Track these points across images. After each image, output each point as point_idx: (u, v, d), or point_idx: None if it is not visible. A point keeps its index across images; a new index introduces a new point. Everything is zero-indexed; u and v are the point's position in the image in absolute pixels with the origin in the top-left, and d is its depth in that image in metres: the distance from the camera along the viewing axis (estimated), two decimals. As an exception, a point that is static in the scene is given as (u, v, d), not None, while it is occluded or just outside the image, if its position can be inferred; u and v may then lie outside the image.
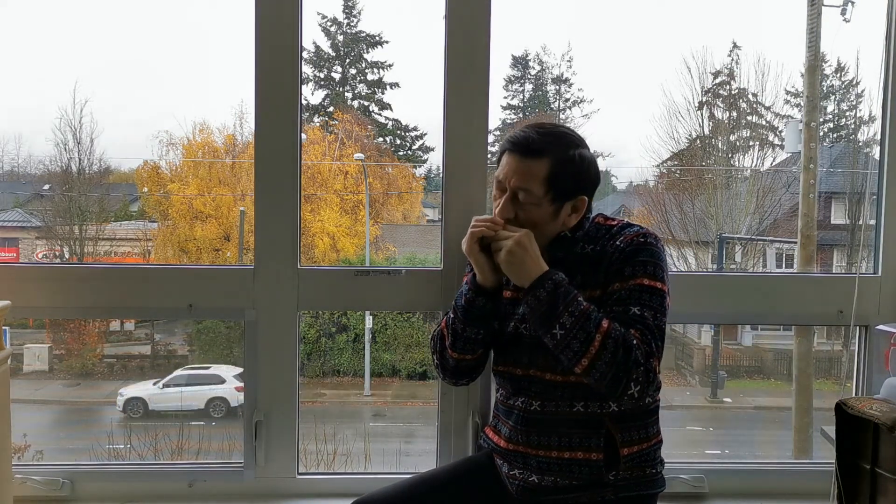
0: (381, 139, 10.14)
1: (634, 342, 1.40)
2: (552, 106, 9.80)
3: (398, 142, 10.38)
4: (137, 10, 8.71)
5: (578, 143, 1.55)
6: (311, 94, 9.66)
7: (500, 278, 1.57)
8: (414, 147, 10.45)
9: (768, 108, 8.53)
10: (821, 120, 7.17)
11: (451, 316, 1.62)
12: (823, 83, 8.08)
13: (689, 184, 8.51)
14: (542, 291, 1.44)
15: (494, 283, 1.57)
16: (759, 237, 7.92)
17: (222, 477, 2.02)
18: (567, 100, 9.84)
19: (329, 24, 9.94)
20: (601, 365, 1.39)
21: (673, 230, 8.15)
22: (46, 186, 8.09)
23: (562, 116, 9.54)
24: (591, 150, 1.58)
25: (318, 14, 9.71)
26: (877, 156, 2.15)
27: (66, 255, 7.71)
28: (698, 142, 8.60)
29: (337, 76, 10.04)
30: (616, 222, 1.57)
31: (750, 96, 8.60)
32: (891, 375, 1.89)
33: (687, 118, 8.35)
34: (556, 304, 1.42)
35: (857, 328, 2.08)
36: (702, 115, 8.47)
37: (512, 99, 9.94)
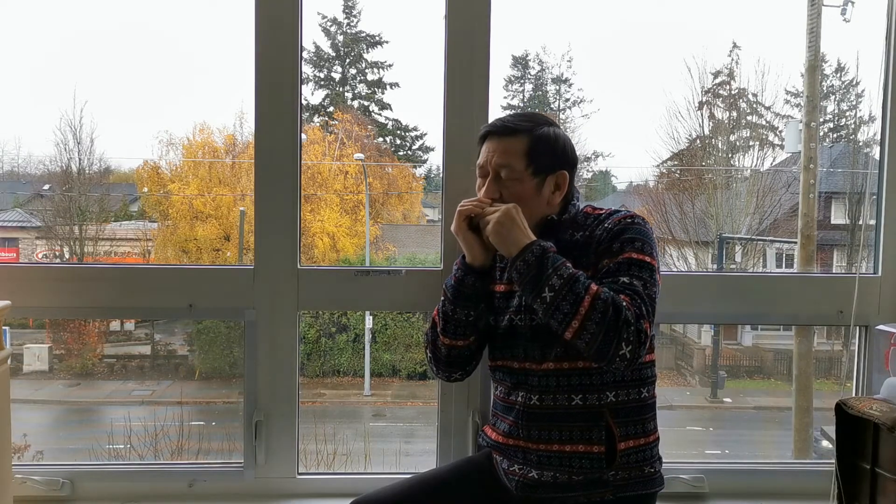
0: (381, 139, 10.14)
1: (624, 304, 1.41)
2: (552, 106, 9.80)
3: (398, 142, 10.38)
4: (138, 10, 8.71)
5: (551, 122, 1.62)
6: (311, 94, 9.66)
7: (490, 256, 1.60)
8: (414, 147, 10.45)
9: (768, 108, 8.54)
10: (821, 120, 7.17)
11: (442, 300, 1.65)
12: (823, 83, 8.08)
13: (689, 184, 8.51)
14: (530, 255, 1.46)
15: (484, 262, 1.60)
16: (759, 237, 7.92)
17: (222, 477, 2.02)
18: (567, 100, 9.83)
19: (329, 24, 9.95)
20: (591, 325, 1.40)
21: (673, 230, 8.15)
22: (46, 186, 8.09)
23: (562, 116, 9.53)
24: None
25: (318, 14, 9.72)
26: (877, 156, 2.15)
27: (66, 255, 7.71)
28: (698, 142, 8.60)
29: (337, 76, 10.05)
30: (604, 210, 1.60)
31: (750, 96, 8.60)
32: (891, 375, 1.89)
33: (687, 118, 8.35)
34: (544, 266, 1.45)
35: (857, 328, 2.08)
36: (702, 115, 8.48)
37: (512, 99, 9.93)
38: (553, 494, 1.54)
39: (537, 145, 1.56)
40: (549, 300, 1.43)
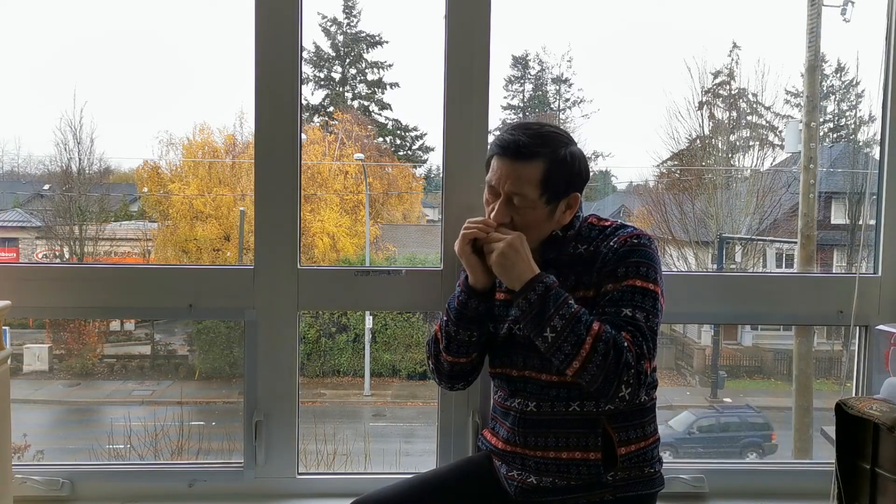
0: (381, 139, 10.13)
1: (625, 345, 1.40)
2: (552, 106, 9.79)
3: (398, 142, 10.37)
4: (138, 11, 8.71)
5: (567, 141, 1.55)
6: (311, 94, 9.65)
7: (492, 280, 1.58)
8: (414, 147, 10.44)
9: (768, 108, 8.52)
10: (821, 120, 7.16)
11: (445, 319, 1.63)
12: (823, 83, 8.07)
13: (689, 184, 8.50)
14: (532, 294, 1.44)
15: (486, 285, 1.58)
16: (759, 237, 7.91)
17: (222, 477, 2.02)
18: (567, 100, 9.82)
19: (329, 24, 9.93)
20: (592, 367, 1.39)
21: (673, 230, 8.13)
22: (46, 186, 8.09)
23: (562, 116, 9.53)
24: (580, 145, 1.58)
25: (318, 14, 9.70)
26: (877, 156, 2.15)
27: (66, 255, 7.71)
28: (698, 142, 8.59)
29: (337, 76, 10.03)
30: (609, 223, 1.57)
31: (750, 96, 8.59)
32: (891, 375, 1.89)
33: (687, 118, 8.34)
34: (546, 306, 1.43)
35: (857, 328, 2.08)
36: (702, 115, 8.46)
37: (512, 99, 9.92)
38: (552, 498, 1.54)
39: (552, 173, 1.50)
40: (550, 340, 1.42)
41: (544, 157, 1.50)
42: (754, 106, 8.61)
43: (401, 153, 10.23)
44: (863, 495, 1.69)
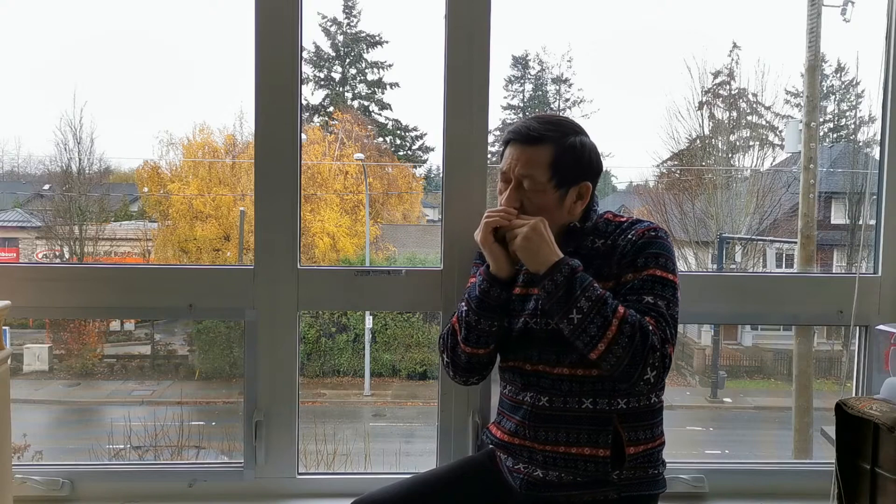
0: (381, 139, 10.14)
1: (650, 328, 1.41)
2: (552, 106, 9.81)
3: (398, 142, 10.37)
4: (138, 11, 8.72)
5: (578, 130, 1.58)
6: (311, 94, 9.66)
7: (515, 268, 1.58)
8: (414, 147, 10.45)
9: (768, 108, 8.53)
10: (821, 120, 7.16)
11: (465, 309, 1.62)
12: (823, 83, 8.08)
13: (689, 184, 8.51)
14: (559, 276, 1.45)
15: (509, 274, 1.58)
16: (759, 237, 7.92)
17: (222, 477, 2.02)
18: (567, 100, 9.84)
19: (329, 24, 9.94)
20: (618, 349, 1.40)
21: (673, 230, 8.14)
22: (46, 186, 8.09)
23: (562, 116, 9.52)
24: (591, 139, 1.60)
25: (318, 14, 9.71)
26: (877, 156, 2.15)
27: (66, 255, 7.71)
28: (698, 142, 8.60)
29: (337, 76, 10.04)
30: (626, 219, 1.59)
31: (750, 96, 8.60)
32: (891, 375, 1.89)
33: (687, 118, 8.35)
34: (573, 287, 1.43)
35: (857, 328, 2.08)
36: (702, 115, 8.47)
37: (512, 99, 9.93)
38: (557, 493, 1.54)
39: (562, 157, 1.53)
40: (576, 322, 1.42)
41: (553, 140, 1.54)
42: (754, 106, 8.61)
43: (401, 153, 10.24)
44: (863, 495, 1.69)
